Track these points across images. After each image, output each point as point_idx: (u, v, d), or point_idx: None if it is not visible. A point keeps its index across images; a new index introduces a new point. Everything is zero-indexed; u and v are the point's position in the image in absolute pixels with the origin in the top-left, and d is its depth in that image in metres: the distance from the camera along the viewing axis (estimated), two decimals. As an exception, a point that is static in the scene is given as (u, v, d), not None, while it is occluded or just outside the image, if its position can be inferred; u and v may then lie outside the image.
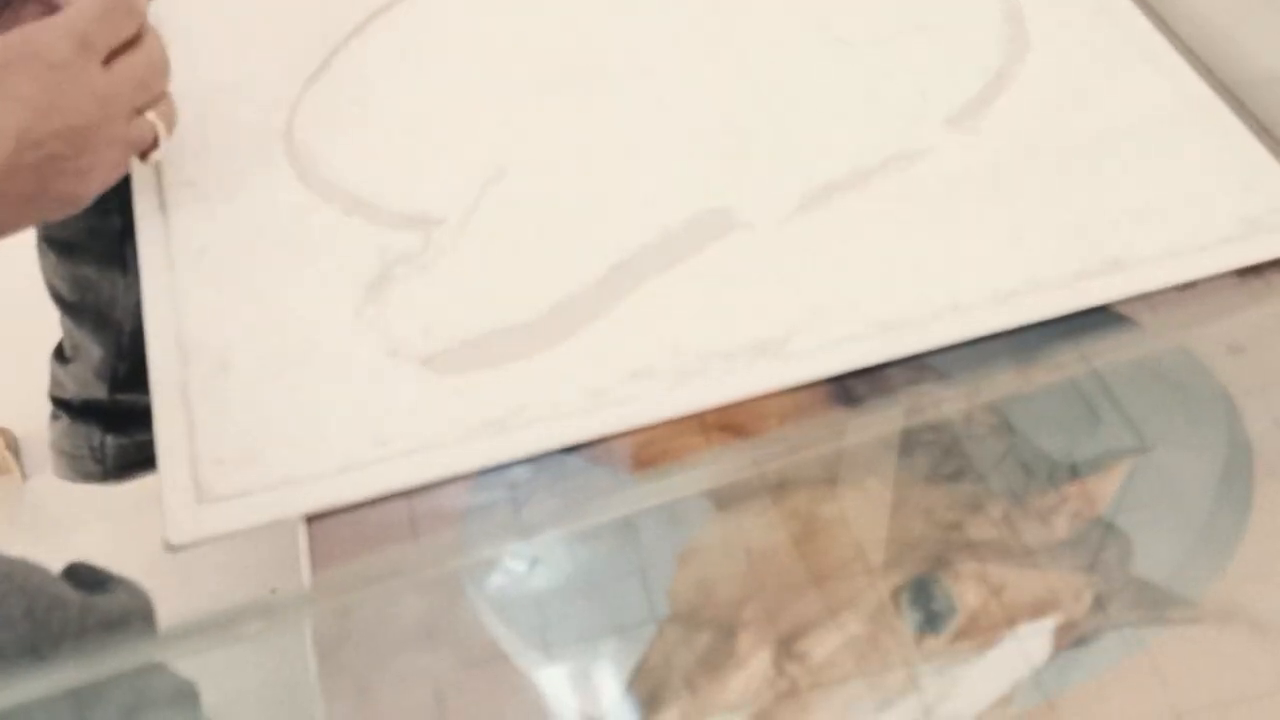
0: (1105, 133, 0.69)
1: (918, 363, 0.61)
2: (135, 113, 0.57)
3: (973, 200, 0.67)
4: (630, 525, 0.56)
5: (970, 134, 0.70)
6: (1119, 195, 0.66)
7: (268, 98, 0.74)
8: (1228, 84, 0.73)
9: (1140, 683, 0.51)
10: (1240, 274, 0.64)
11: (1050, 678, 0.51)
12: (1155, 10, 0.76)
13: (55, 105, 0.52)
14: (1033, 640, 0.52)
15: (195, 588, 0.58)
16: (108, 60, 0.56)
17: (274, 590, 0.93)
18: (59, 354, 1.07)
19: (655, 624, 0.53)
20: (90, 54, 0.54)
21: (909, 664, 0.51)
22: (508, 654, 0.53)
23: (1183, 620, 0.53)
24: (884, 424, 0.58)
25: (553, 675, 0.52)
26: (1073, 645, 0.52)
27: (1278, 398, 0.60)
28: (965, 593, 0.53)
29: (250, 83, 0.75)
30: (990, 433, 0.59)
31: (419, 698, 0.51)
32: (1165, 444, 0.58)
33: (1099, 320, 0.62)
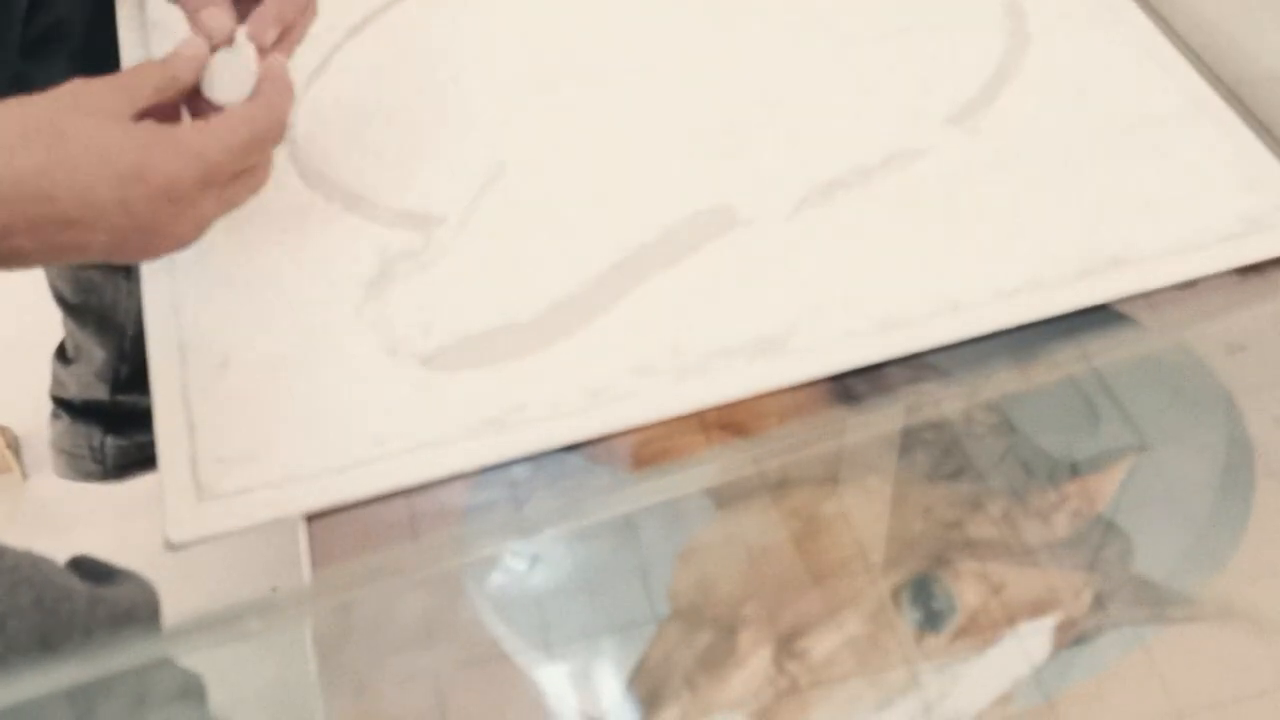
0: (1106, 131, 0.69)
1: (918, 361, 0.61)
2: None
3: (973, 198, 0.66)
4: (630, 524, 0.56)
5: (971, 132, 0.70)
6: (1119, 193, 0.66)
7: (268, 96, 0.74)
8: (1228, 82, 0.73)
9: (1140, 681, 0.51)
10: (1241, 272, 0.64)
11: (1050, 676, 0.51)
12: (1156, 8, 0.76)
13: (155, 223, 0.53)
14: (1033, 639, 0.52)
15: (196, 586, 0.58)
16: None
17: (274, 589, 0.93)
18: (61, 354, 1.07)
19: (655, 623, 0.53)
20: (210, 188, 0.54)
21: (909, 662, 0.51)
22: (508, 653, 0.53)
23: (1183, 619, 0.53)
24: (884, 422, 0.58)
25: (553, 674, 0.52)
26: (1073, 644, 0.52)
27: (1278, 396, 0.60)
28: (965, 591, 0.53)
29: (250, 81, 0.75)
30: (990, 431, 0.59)
31: (419, 696, 0.51)
32: (1165, 442, 0.58)
33: (1099, 319, 0.62)
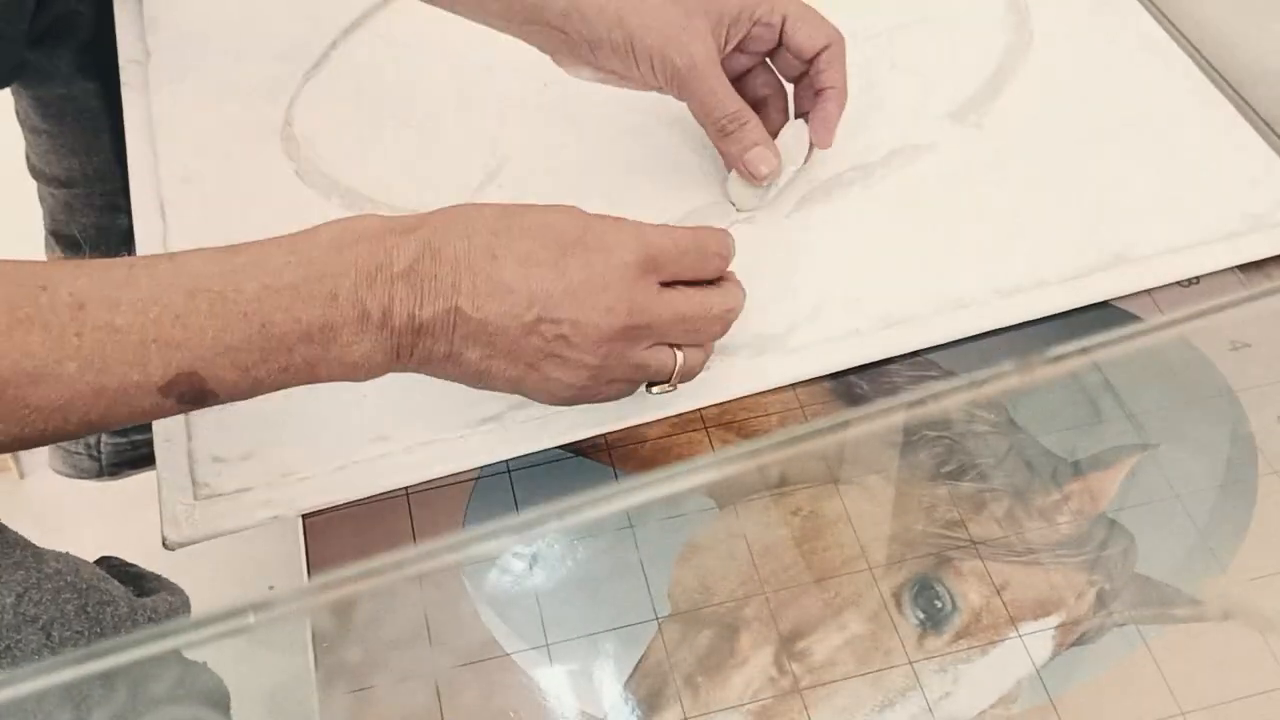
0: (1109, 128, 0.69)
1: (920, 359, 0.61)
2: (666, 344, 0.54)
3: (975, 196, 0.66)
4: (630, 523, 0.56)
5: (973, 129, 0.70)
6: (1122, 191, 0.66)
7: (265, 93, 0.73)
8: (1231, 80, 0.72)
9: (1143, 680, 0.50)
10: (1243, 269, 0.63)
11: (1053, 676, 0.51)
12: (1158, 6, 0.76)
13: (588, 293, 0.50)
14: (1035, 638, 0.52)
15: (193, 585, 0.58)
16: (672, 285, 0.54)
17: (272, 587, 0.93)
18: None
19: (655, 622, 0.53)
20: (650, 274, 0.52)
21: (911, 662, 0.51)
22: (507, 652, 0.52)
23: (1185, 618, 0.52)
24: (886, 421, 0.58)
25: (552, 674, 0.52)
26: (1075, 643, 0.52)
27: (1281, 394, 0.60)
28: (967, 591, 0.53)
29: (248, 78, 0.74)
30: (992, 430, 0.59)
31: (417, 695, 0.51)
32: (1168, 441, 0.58)
33: (1102, 316, 0.62)
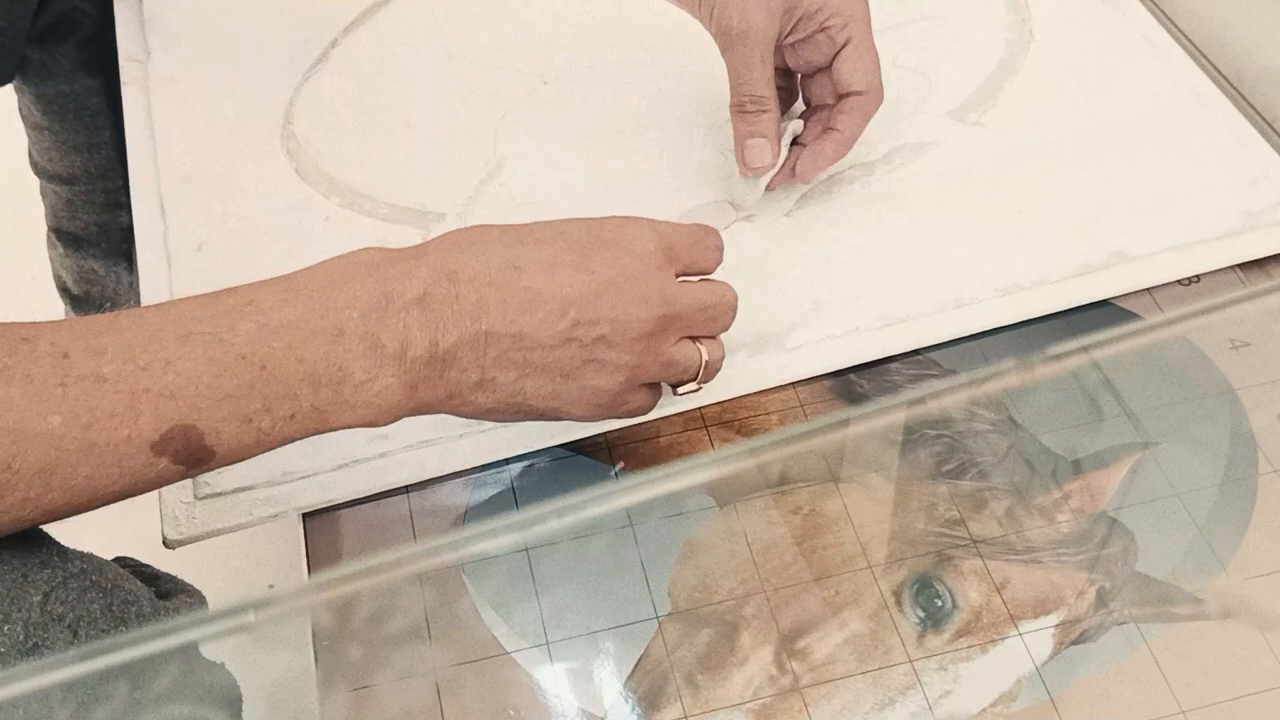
0: (1109, 127, 0.69)
1: (920, 357, 0.61)
2: (688, 339, 0.54)
3: (976, 194, 0.66)
4: (631, 522, 0.56)
5: (974, 127, 0.69)
6: (1123, 189, 0.66)
7: (265, 92, 0.73)
8: (1231, 78, 0.72)
9: (1143, 678, 0.50)
10: (1244, 268, 0.63)
11: (1053, 674, 0.51)
12: (1159, 4, 0.76)
13: (621, 288, 0.51)
14: (1035, 637, 0.52)
15: (193, 584, 0.58)
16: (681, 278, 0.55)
17: (272, 586, 0.93)
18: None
19: (656, 621, 0.53)
20: (670, 260, 0.53)
21: (911, 661, 0.51)
22: (507, 650, 0.52)
23: (1186, 616, 0.52)
24: (886, 419, 0.58)
25: (552, 672, 0.52)
26: (1075, 642, 0.52)
27: (1282, 392, 0.60)
28: (968, 590, 0.53)
29: (247, 77, 0.74)
30: (993, 428, 0.59)
31: (418, 693, 0.51)
32: (1168, 439, 0.58)
33: (1102, 315, 0.62)
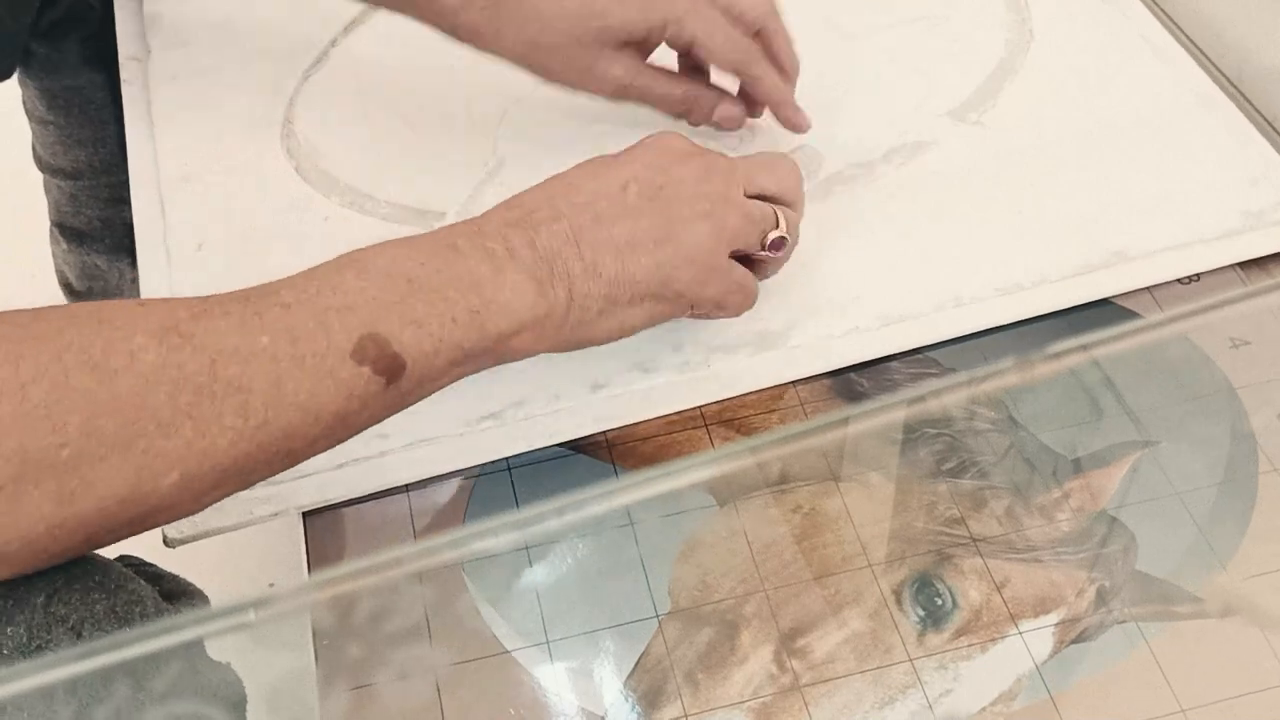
0: (1109, 126, 0.69)
1: (920, 356, 0.61)
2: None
3: (975, 193, 0.66)
4: (631, 521, 0.56)
5: (974, 126, 0.69)
6: (1123, 188, 0.66)
7: (265, 91, 0.73)
8: (1231, 77, 0.72)
9: (1143, 677, 0.50)
10: (1244, 267, 0.63)
11: (1053, 673, 0.51)
12: (1159, 3, 0.76)
13: (677, 159, 0.53)
14: (1035, 636, 0.52)
15: (194, 582, 0.58)
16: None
17: (273, 584, 0.93)
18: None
19: (656, 619, 0.53)
20: (736, 174, 0.55)
21: (911, 660, 0.51)
22: (507, 649, 0.52)
23: (1186, 615, 0.52)
24: (886, 418, 0.58)
25: (552, 670, 0.52)
26: (1075, 640, 0.52)
27: (1282, 391, 0.60)
28: (967, 589, 0.53)
29: (248, 76, 0.74)
30: (993, 427, 0.59)
31: (418, 692, 0.51)
32: (1168, 438, 0.58)
33: (1102, 314, 0.62)
